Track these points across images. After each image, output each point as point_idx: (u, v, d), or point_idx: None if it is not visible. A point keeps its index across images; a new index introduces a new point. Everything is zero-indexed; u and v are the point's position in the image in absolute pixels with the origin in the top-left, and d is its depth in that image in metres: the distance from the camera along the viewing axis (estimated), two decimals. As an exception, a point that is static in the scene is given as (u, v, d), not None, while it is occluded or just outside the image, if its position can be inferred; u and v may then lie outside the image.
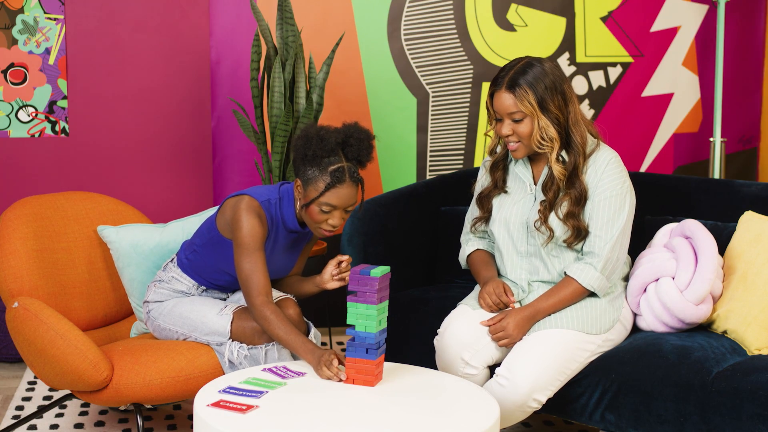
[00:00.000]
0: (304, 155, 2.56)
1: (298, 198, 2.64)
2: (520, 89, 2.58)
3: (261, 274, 2.59)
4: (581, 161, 2.64)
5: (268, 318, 2.55)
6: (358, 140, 2.57)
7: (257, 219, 2.61)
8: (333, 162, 2.54)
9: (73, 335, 2.63)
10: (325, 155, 2.53)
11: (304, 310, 2.90)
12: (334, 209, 2.56)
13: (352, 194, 2.56)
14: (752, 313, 2.66)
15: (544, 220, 2.66)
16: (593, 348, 2.64)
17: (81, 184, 4.05)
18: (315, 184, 2.55)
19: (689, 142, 4.67)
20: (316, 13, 4.22)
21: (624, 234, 2.67)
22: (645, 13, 4.54)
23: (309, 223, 2.63)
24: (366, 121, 4.33)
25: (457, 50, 4.38)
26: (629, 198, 2.68)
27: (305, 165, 2.57)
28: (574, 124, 2.64)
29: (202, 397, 2.22)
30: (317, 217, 2.58)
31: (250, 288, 2.59)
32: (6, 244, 2.87)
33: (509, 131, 2.63)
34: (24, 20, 3.97)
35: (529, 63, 2.62)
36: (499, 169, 2.80)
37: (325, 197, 2.54)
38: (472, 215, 2.89)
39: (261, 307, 2.57)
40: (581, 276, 2.64)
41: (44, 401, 3.37)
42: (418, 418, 2.13)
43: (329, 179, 2.53)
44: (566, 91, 2.62)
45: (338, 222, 2.58)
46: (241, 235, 2.60)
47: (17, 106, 4.01)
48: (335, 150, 2.54)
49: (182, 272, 2.84)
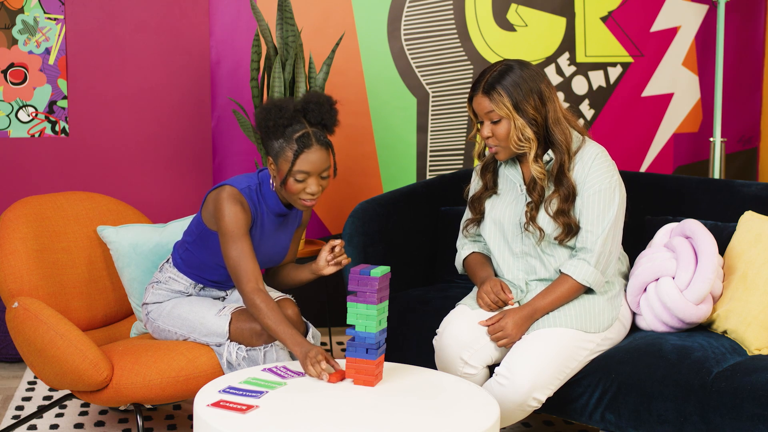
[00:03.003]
0: (267, 128, 2.59)
1: (273, 176, 2.66)
2: (495, 93, 2.63)
3: (249, 260, 2.61)
4: (566, 159, 2.66)
5: (258, 306, 2.56)
6: (317, 104, 2.60)
7: (239, 206, 2.63)
8: (297, 129, 2.57)
9: (73, 335, 2.63)
10: (287, 123, 2.57)
11: (304, 310, 2.91)
12: (308, 176, 2.58)
13: (323, 158, 2.59)
14: (752, 313, 2.66)
15: (532, 220, 2.68)
16: (592, 347, 2.64)
17: (81, 184, 4.05)
18: (284, 155, 2.58)
19: (689, 142, 4.67)
20: (316, 13, 4.22)
21: (615, 227, 2.68)
22: (645, 13, 4.54)
23: (289, 197, 2.65)
24: (366, 121, 4.34)
25: (457, 50, 4.38)
26: (618, 192, 2.68)
27: (270, 139, 2.60)
28: (555, 123, 2.66)
29: (202, 397, 2.22)
30: (294, 187, 2.60)
31: (239, 275, 2.61)
32: (6, 244, 2.87)
33: (489, 133, 2.67)
34: (24, 20, 3.97)
35: (507, 66, 2.66)
36: (489, 172, 2.83)
37: (296, 165, 2.56)
38: (465, 219, 2.91)
39: (251, 294, 2.58)
40: (576, 272, 2.65)
41: (44, 401, 3.37)
42: (418, 418, 2.13)
43: (296, 146, 2.56)
44: (543, 91, 2.65)
45: (316, 189, 2.60)
46: (225, 223, 2.62)
47: (17, 106, 4.01)
48: (296, 117, 2.58)
49: (178, 272, 2.84)
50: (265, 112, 2.60)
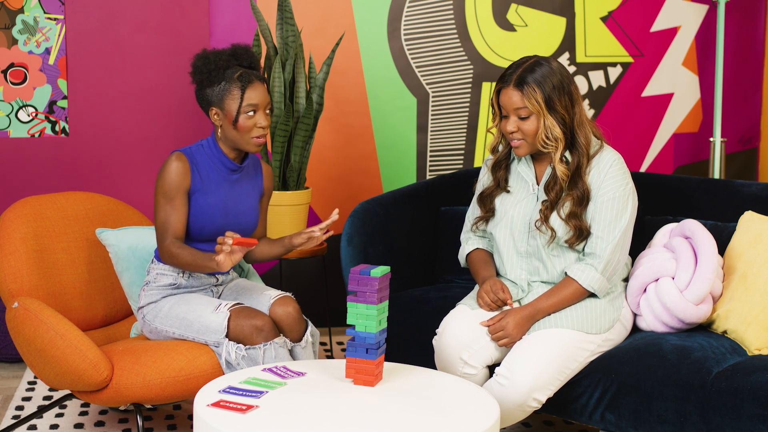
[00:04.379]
0: (208, 72, 2.74)
1: (220, 125, 2.77)
2: (528, 87, 2.59)
3: (177, 220, 2.73)
4: (584, 162, 2.65)
5: (174, 253, 2.70)
6: (244, 50, 2.80)
7: (179, 165, 2.74)
8: (234, 71, 2.75)
9: (73, 335, 2.63)
10: (225, 66, 2.74)
11: (304, 310, 2.91)
12: (257, 107, 2.73)
13: (265, 92, 2.76)
14: (752, 313, 2.66)
15: (545, 219, 2.66)
16: (593, 348, 2.64)
17: (81, 184, 4.05)
18: (231, 94, 2.73)
19: (689, 142, 4.67)
20: (316, 13, 4.22)
21: (625, 236, 2.67)
22: (645, 13, 4.54)
23: (241, 139, 2.75)
24: (366, 121, 4.34)
25: (457, 50, 4.38)
26: (632, 200, 2.68)
27: (211, 85, 2.75)
28: (579, 125, 2.65)
29: (202, 397, 2.22)
30: (246, 124, 2.73)
31: (164, 232, 2.73)
32: (6, 244, 2.87)
33: (514, 128, 2.64)
34: (24, 20, 3.97)
35: (538, 62, 2.63)
36: (501, 168, 2.80)
37: (245, 99, 2.71)
38: (473, 214, 2.89)
39: (169, 247, 2.72)
40: (582, 277, 2.64)
41: (44, 401, 3.37)
42: (418, 418, 2.13)
43: (240, 83, 2.73)
44: (573, 92, 2.64)
45: (265, 122, 2.74)
46: (159, 184, 2.75)
47: (17, 106, 4.01)
48: (230, 60, 2.76)
49: (163, 265, 2.84)
50: (203, 59, 2.77)
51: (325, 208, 4.34)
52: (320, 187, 4.29)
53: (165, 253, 2.73)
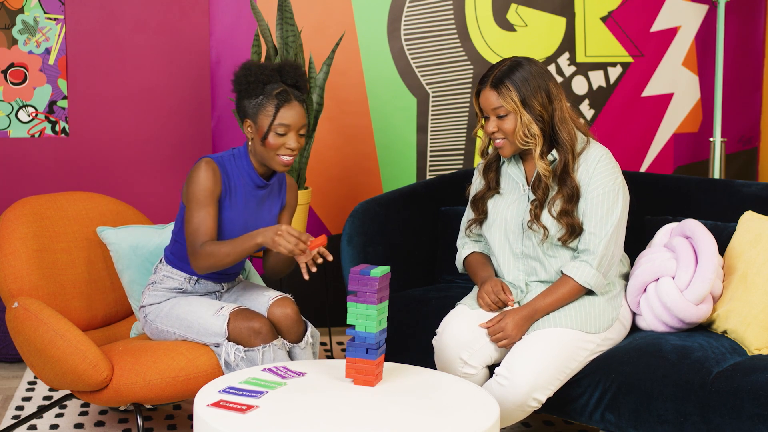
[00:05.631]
0: (247, 83, 2.69)
1: (251, 137, 2.72)
2: (503, 86, 2.64)
3: (210, 226, 2.65)
4: (571, 159, 2.66)
5: (211, 251, 2.61)
6: (293, 68, 2.74)
7: (210, 171, 2.68)
8: (275, 87, 2.69)
9: (73, 335, 2.63)
10: (266, 80, 2.68)
11: (304, 310, 2.91)
12: (288, 129, 2.67)
13: (301, 114, 2.69)
14: (752, 313, 2.66)
15: (536, 218, 2.68)
16: (592, 347, 2.64)
17: (81, 184, 4.05)
18: (265, 110, 2.67)
19: (689, 142, 4.67)
20: (316, 13, 4.22)
21: (618, 230, 2.68)
22: (645, 13, 4.54)
23: (268, 156, 2.70)
24: (366, 121, 4.34)
25: (457, 50, 4.38)
26: (622, 194, 2.69)
27: (249, 97, 2.70)
28: (561, 122, 2.66)
29: (202, 397, 2.22)
30: (275, 142, 2.67)
31: (196, 238, 2.64)
32: (6, 244, 2.87)
33: (495, 128, 2.67)
34: (24, 20, 3.97)
35: (515, 62, 2.67)
36: (491, 171, 2.83)
37: (278, 119, 2.65)
38: (467, 218, 2.91)
39: (204, 247, 2.62)
40: (577, 274, 2.65)
41: (44, 401, 3.37)
42: (418, 418, 2.13)
43: (276, 101, 2.66)
44: (551, 89, 2.66)
45: (295, 144, 2.67)
46: (191, 190, 2.67)
47: (17, 106, 4.01)
48: (274, 75, 2.70)
49: (171, 267, 2.84)
50: (246, 70, 2.71)
51: (325, 207, 4.34)
52: (320, 187, 4.29)
53: (201, 255, 2.62)
